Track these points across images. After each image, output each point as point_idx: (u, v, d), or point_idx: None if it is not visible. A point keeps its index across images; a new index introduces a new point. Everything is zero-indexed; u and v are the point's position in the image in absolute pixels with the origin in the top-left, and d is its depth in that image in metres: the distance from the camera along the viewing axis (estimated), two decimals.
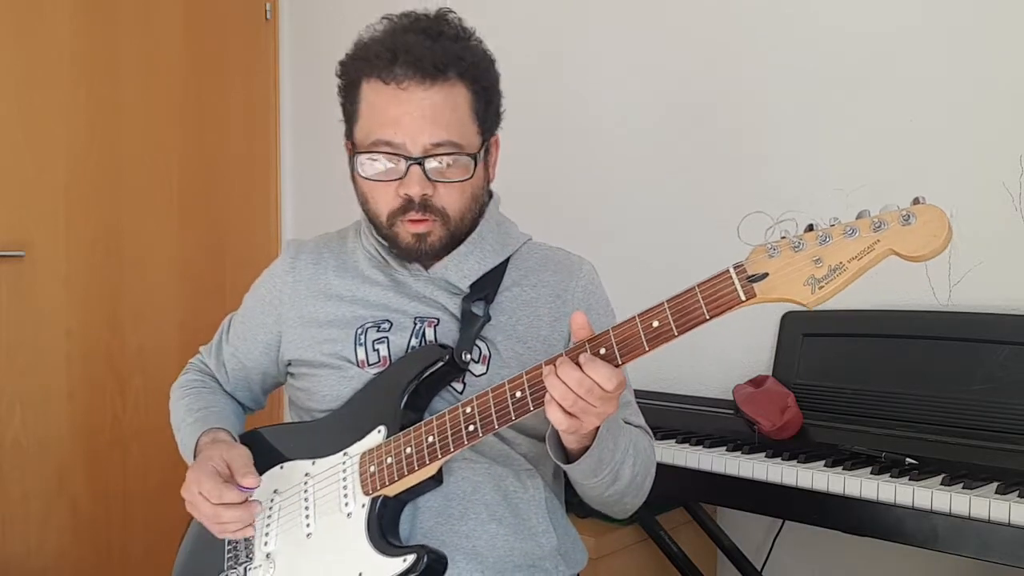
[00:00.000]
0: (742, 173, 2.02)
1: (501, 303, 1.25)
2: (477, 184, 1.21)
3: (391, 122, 1.15)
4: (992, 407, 1.53)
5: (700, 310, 0.98)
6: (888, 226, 0.90)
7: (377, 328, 1.24)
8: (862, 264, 0.91)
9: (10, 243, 2.46)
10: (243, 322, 1.38)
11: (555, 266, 1.30)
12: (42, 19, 2.52)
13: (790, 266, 0.94)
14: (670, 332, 1.00)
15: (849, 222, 0.93)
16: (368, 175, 1.19)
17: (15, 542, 2.45)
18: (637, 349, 1.01)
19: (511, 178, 1.43)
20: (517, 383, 1.06)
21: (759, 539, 2.01)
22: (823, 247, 0.93)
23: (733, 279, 0.97)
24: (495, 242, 1.27)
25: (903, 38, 1.78)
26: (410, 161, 1.15)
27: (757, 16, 2.00)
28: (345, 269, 1.30)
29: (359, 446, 1.18)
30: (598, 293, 1.31)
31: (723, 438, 1.69)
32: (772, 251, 0.95)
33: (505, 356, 1.22)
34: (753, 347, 1.95)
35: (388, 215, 1.19)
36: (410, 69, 1.14)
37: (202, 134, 2.87)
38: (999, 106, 1.66)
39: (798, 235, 0.95)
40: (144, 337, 2.69)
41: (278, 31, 3.07)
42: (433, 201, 1.17)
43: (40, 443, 2.49)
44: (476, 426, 1.08)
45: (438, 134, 1.15)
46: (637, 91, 2.20)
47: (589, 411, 1.01)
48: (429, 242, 1.19)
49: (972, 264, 1.68)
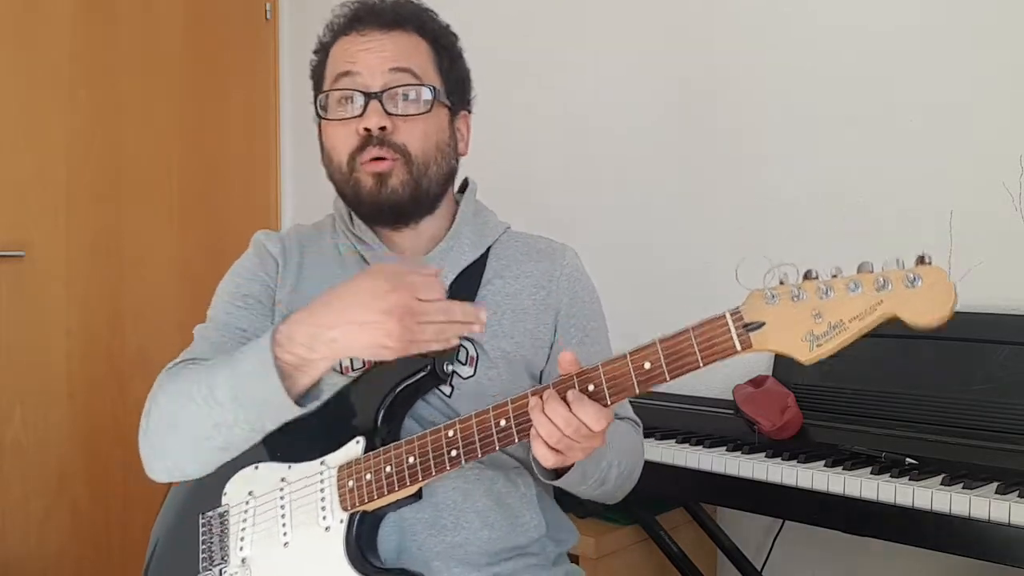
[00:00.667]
0: (740, 173, 2.01)
1: (484, 298, 1.22)
2: (441, 134, 1.21)
3: (350, 57, 1.19)
4: (992, 407, 1.53)
5: (694, 356, 0.95)
6: (892, 287, 0.87)
7: None
8: (863, 325, 0.87)
9: (10, 243, 2.46)
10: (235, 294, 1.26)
11: (537, 255, 1.28)
12: (42, 19, 2.52)
13: (788, 317, 0.91)
14: (662, 375, 0.97)
15: (852, 276, 0.89)
16: (329, 116, 1.20)
17: (15, 542, 2.44)
18: (627, 390, 0.98)
19: (504, 174, 1.43)
20: (502, 411, 1.03)
21: (759, 539, 2.01)
22: (824, 301, 0.89)
23: (729, 326, 0.94)
24: (473, 234, 1.26)
25: (903, 38, 1.78)
26: (370, 97, 1.16)
27: (756, 16, 2.00)
28: (326, 265, 1.27)
29: (337, 456, 1.14)
30: (583, 280, 1.29)
31: (723, 438, 1.69)
32: (770, 298, 0.92)
33: (492, 356, 1.20)
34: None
35: (348, 157, 1.18)
36: (370, 20, 1.19)
37: (202, 134, 2.87)
38: (999, 106, 1.66)
39: (798, 284, 0.91)
40: (144, 337, 2.69)
41: (278, 31, 3.07)
42: (393, 137, 1.17)
43: (40, 443, 2.49)
44: (459, 452, 1.05)
45: (396, 61, 1.17)
46: (634, 89, 2.20)
47: (575, 447, 0.99)
48: (391, 185, 1.17)
49: (972, 264, 1.68)
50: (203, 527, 1.21)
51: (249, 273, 1.28)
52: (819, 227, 1.89)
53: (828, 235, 1.87)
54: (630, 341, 1.19)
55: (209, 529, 1.20)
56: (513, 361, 1.21)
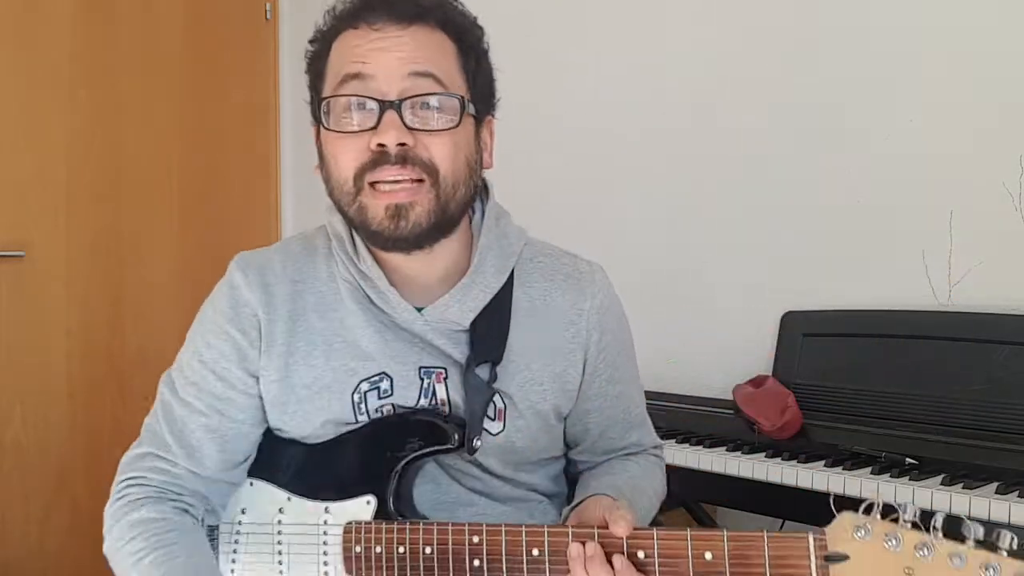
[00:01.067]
0: (741, 173, 2.01)
1: (515, 341, 1.08)
2: (469, 148, 1.02)
3: (361, 56, 0.97)
4: (992, 407, 1.53)
5: (762, 568, 0.85)
6: (1001, 575, 0.76)
7: (376, 390, 1.05)
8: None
9: (10, 243, 2.46)
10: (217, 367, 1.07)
11: (564, 280, 1.13)
12: (42, 19, 2.52)
13: (876, 562, 0.81)
14: (722, 572, 0.86)
15: (958, 547, 0.78)
16: (334, 126, 0.98)
17: (15, 542, 2.44)
18: (679, 574, 0.88)
19: (510, 177, 1.43)
20: (536, 538, 0.93)
21: None
22: (920, 559, 0.79)
23: (810, 550, 0.84)
24: (497, 257, 1.09)
25: (903, 38, 1.78)
26: (385, 106, 0.95)
27: (756, 17, 2.00)
28: (326, 304, 1.08)
29: (343, 508, 1.04)
30: (613, 308, 1.16)
31: (723, 438, 1.69)
32: (862, 533, 0.83)
33: (521, 407, 1.08)
34: (753, 347, 1.95)
35: (355, 175, 0.98)
36: (383, 12, 0.98)
37: (202, 134, 2.87)
38: (999, 106, 1.66)
39: (898, 528, 0.81)
40: (144, 337, 2.70)
41: (278, 31, 3.07)
42: (417, 152, 0.96)
43: (40, 443, 2.49)
44: (482, 563, 0.95)
45: (418, 64, 0.97)
46: (637, 91, 2.20)
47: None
48: (412, 218, 0.97)
49: (972, 264, 1.68)
50: None
51: (222, 334, 1.07)
52: (819, 227, 1.88)
53: (829, 235, 1.87)
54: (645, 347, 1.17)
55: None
56: (542, 411, 1.10)
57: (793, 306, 1.88)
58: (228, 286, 1.09)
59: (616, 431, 1.19)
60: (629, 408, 1.20)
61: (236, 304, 1.07)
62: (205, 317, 1.10)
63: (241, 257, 1.11)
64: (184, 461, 1.06)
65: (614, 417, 1.18)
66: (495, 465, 1.10)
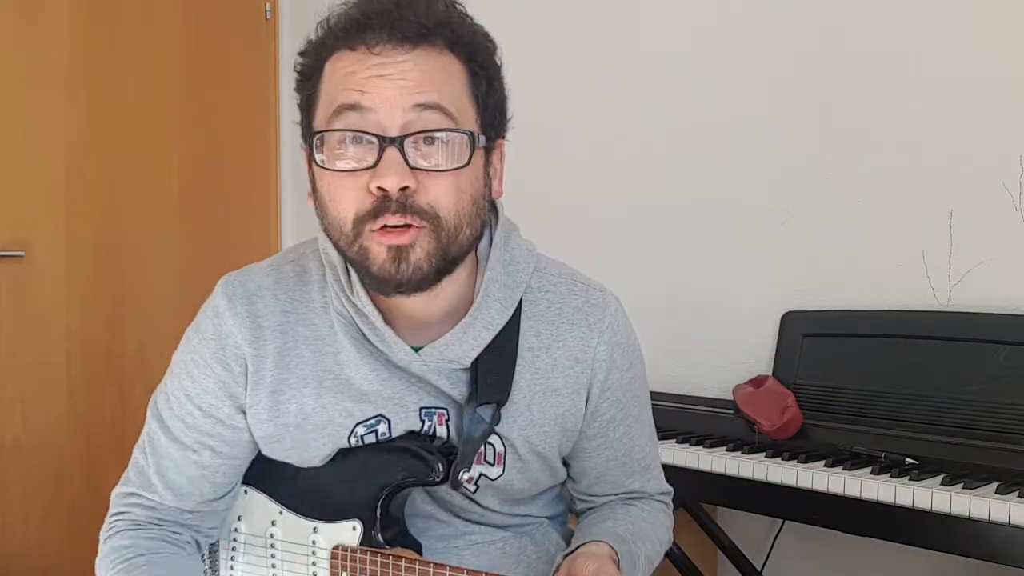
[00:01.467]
0: (741, 173, 2.01)
1: (519, 380, 1.02)
2: (476, 185, 0.93)
3: (357, 84, 0.87)
4: (992, 407, 1.53)
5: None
6: None
7: (374, 433, 1.00)
8: None
9: (10, 243, 2.46)
10: (203, 403, 1.02)
11: (573, 314, 1.04)
12: (42, 19, 2.52)
13: None
14: None
15: None
16: (328, 164, 0.89)
17: (15, 542, 2.44)
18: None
19: (511, 178, 1.42)
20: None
21: (759, 539, 2.01)
22: None
23: None
24: (503, 289, 1.00)
25: (903, 38, 1.78)
26: (385, 142, 0.86)
27: (756, 18, 2.00)
28: (318, 337, 1.00)
29: (330, 531, 1.04)
30: (623, 343, 1.07)
31: (723, 438, 1.69)
32: None
33: (521, 451, 1.03)
34: (753, 347, 1.95)
35: (354, 220, 0.89)
36: (384, 32, 0.87)
37: (202, 134, 2.87)
38: (999, 106, 1.66)
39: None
40: (144, 337, 2.69)
41: (278, 31, 3.07)
42: (417, 199, 0.87)
43: (40, 443, 2.49)
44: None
45: (423, 95, 0.87)
46: (637, 90, 2.20)
47: None
48: (413, 261, 0.89)
49: (972, 264, 1.68)
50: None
51: (206, 369, 1.02)
52: (819, 227, 1.89)
53: (829, 235, 1.87)
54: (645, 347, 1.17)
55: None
56: (543, 454, 1.05)
57: (793, 306, 1.88)
58: (213, 314, 1.01)
59: (616, 475, 1.12)
60: (632, 452, 1.12)
61: (219, 336, 1.01)
62: (190, 345, 1.05)
63: (228, 281, 1.03)
64: (170, 499, 1.04)
65: (614, 460, 1.11)
66: (493, 503, 1.07)
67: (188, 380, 1.03)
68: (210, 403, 1.02)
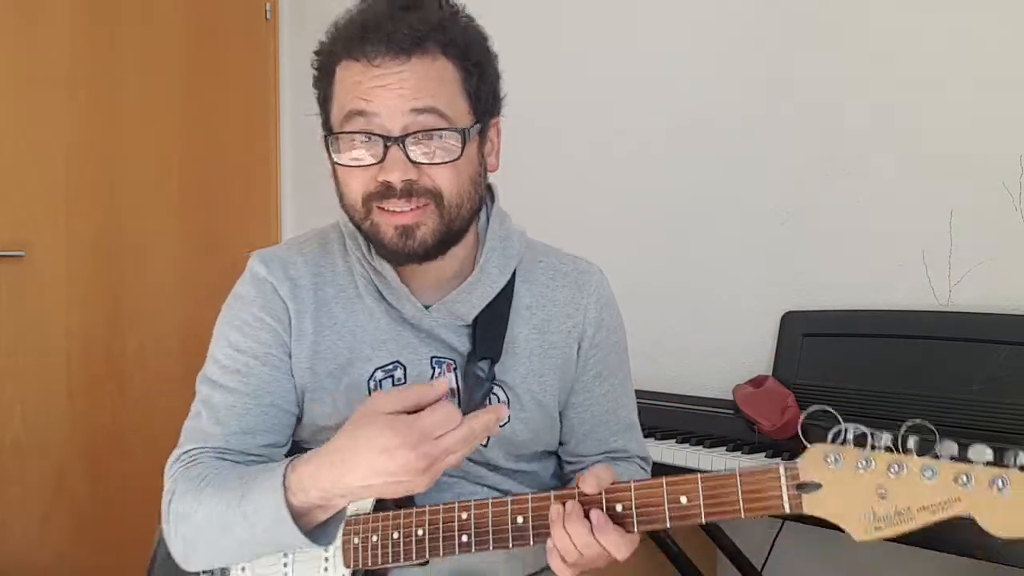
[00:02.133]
0: (741, 173, 2.01)
1: (515, 333, 1.14)
2: (472, 167, 1.07)
3: (363, 93, 1.01)
4: (992, 407, 1.53)
5: (736, 505, 0.87)
6: (974, 485, 0.78)
7: (391, 379, 1.10)
8: (932, 519, 0.79)
9: (10, 243, 2.46)
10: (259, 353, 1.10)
11: (564, 279, 1.19)
12: (42, 19, 2.52)
13: (850, 486, 0.82)
14: (697, 515, 0.89)
15: (930, 461, 0.80)
16: (343, 161, 1.04)
17: (15, 542, 2.45)
18: (657, 523, 0.91)
19: (511, 178, 1.42)
20: (520, 506, 0.97)
21: (759, 539, 2.01)
22: (892, 478, 0.81)
23: (781, 482, 0.86)
24: (500, 258, 1.14)
25: (903, 38, 1.78)
26: (389, 142, 1.00)
27: (755, 16, 2.00)
28: (346, 296, 1.13)
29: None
30: (610, 307, 1.21)
31: (723, 438, 1.69)
32: (833, 460, 0.84)
33: (524, 400, 1.13)
34: (753, 347, 1.95)
35: (364, 199, 1.03)
36: (382, 45, 1.00)
37: (202, 134, 2.87)
38: (999, 106, 1.66)
39: (868, 452, 0.82)
40: (144, 337, 2.70)
41: (278, 31, 3.07)
42: (420, 183, 1.02)
43: (40, 443, 2.50)
44: (470, 538, 0.99)
45: (420, 99, 1.00)
46: (638, 89, 2.20)
47: (590, 566, 0.95)
48: (419, 237, 1.03)
49: (972, 264, 1.68)
50: None
51: (256, 322, 1.11)
52: (819, 227, 1.89)
53: (828, 235, 1.87)
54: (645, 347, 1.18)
55: None
56: (542, 403, 1.15)
57: (793, 306, 1.88)
58: (253, 278, 1.13)
59: (603, 432, 1.21)
60: (617, 410, 1.22)
61: (264, 292, 1.12)
62: (232, 312, 1.13)
63: (259, 253, 1.16)
64: (233, 443, 1.08)
65: (600, 416, 1.20)
66: (499, 457, 1.14)
67: (239, 336, 1.11)
68: (264, 351, 1.10)
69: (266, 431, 1.09)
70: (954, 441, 0.80)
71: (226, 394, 1.09)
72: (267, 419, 1.09)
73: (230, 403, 1.09)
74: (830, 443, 0.85)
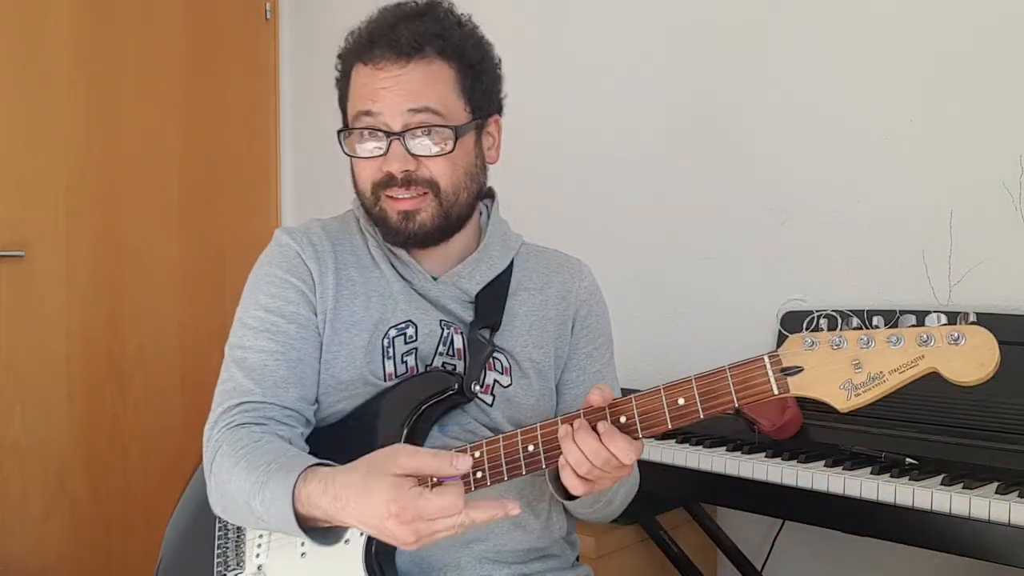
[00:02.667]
0: (741, 173, 2.01)
1: (513, 307, 1.25)
2: (467, 160, 1.19)
3: (370, 95, 1.15)
4: (992, 407, 1.53)
5: (729, 395, 0.96)
6: (935, 343, 0.88)
7: (403, 336, 1.20)
8: (903, 378, 0.88)
9: (10, 243, 2.46)
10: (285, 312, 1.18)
11: (558, 267, 1.31)
12: (42, 19, 2.52)
13: (827, 364, 0.91)
14: (695, 412, 0.98)
15: (894, 330, 0.89)
16: (353, 153, 1.19)
17: (15, 542, 2.45)
18: (660, 425, 0.99)
19: (511, 177, 1.43)
20: (530, 436, 1.03)
21: (759, 539, 2.01)
22: (864, 350, 0.90)
23: (767, 369, 0.94)
24: (500, 247, 1.28)
25: (903, 38, 1.78)
26: (391, 136, 1.14)
27: (755, 14, 2.00)
28: (362, 263, 1.24)
29: None
30: (598, 295, 1.33)
31: (723, 438, 1.69)
32: (810, 344, 0.92)
33: (524, 367, 1.23)
34: (753, 347, 1.95)
35: (372, 187, 1.18)
36: (386, 49, 1.14)
37: (202, 134, 2.87)
38: (999, 106, 1.66)
39: (839, 332, 0.91)
40: (144, 337, 2.69)
41: (278, 31, 3.07)
42: (419, 174, 1.15)
43: (40, 443, 2.49)
44: (484, 474, 1.04)
45: (416, 101, 1.14)
46: (637, 89, 2.20)
47: (604, 478, 1.01)
48: (419, 221, 1.17)
49: (972, 264, 1.68)
50: (219, 531, 1.20)
51: (282, 283, 1.20)
52: (819, 227, 1.89)
53: (829, 235, 1.87)
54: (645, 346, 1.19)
55: (225, 534, 1.20)
56: (542, 372, 1.25)
57: (793, 306, 1.88)
58: (277, 246, 1.24)
59: None
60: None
61: (289, 258, 1.22)
62: (258, 278, 1.22)
63: (282, 228, 1.27)
64: (269, 397, 1.14)
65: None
66: (501, 419, 1.20)
67: (267, 298, 1.19)
68: (292, 310, 1.18)
69: (296, 384, 1.16)
70: (911, 314, 0.90)
71: (258, 353, 1.16)
72: (296, 373, 1.16)
73: (263, 361, 1.16)
74: (805, 330, 0.93)
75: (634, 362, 1.30)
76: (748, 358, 0.95)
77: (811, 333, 0.92)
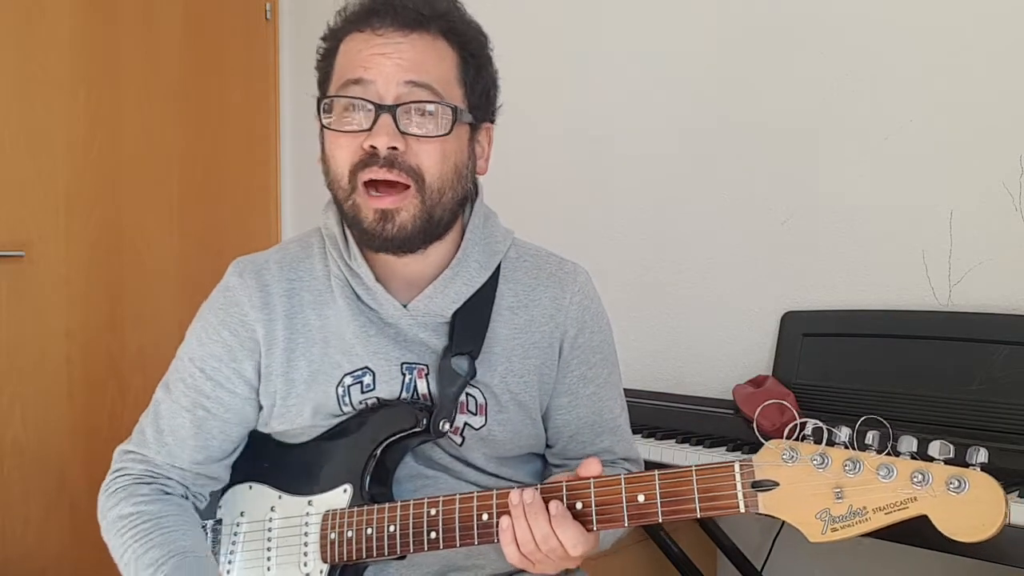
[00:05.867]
0: (741, 173, 2.01)
1: (495, 331, 1.12)
2: (459, 155, 1.06)
3: (363, 61, 1.03)
4: (992, 407, 1.53)
5: (692, 504, 0.86)
6: (931, 484, 0.75)
7: (359, 384, 1.10)
8: (887, 520, 0.76)
9: (10, 243, 2.46)
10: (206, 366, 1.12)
11: (547, 279, 1.17)
12: (42, 19, 2.52)
13: (806, 484, 0.80)
14: (654, 514, 0.89)
15: (887, 459, 0.77)
16: (333, 125, 1.04)
17: (15, 542, 2.44)
18: (615, 520, 0.90)
19: (510, 177, 1.42)
20: (485, 503, 0.97)
21: (759, 539, 2.01)
22: (849, 477, 0.78)
23: (736, 480, 0.84)
24: (482, 254, 1.13)
25: (903, 38, 1.78)
26: (381, 109, 1.00)
27: (754, 14, 2.00)
28: (321, 301, 1.12)
29: (323, 500, 1.10)
30: (593, 307, 1.19)
31: (723, 438, 1.69)
32: (790, 456, 0.81)
33: (503, 400, 1.12)
34: (753, 347, 1.95)
35: (349, 172, 1.03)
36: (388, 18, 1.03)
37: (202, 134, 2.87)
38: (999, 106, 1.66)
39: (824, 449, 0.80)
40: (144, 337, 2.69)
41: (278, 31, 3.07)
42: (405, 158, 1.01)
43: (40, 443, 2.49)
44: (438, 535, 1.00)
45: (417, 73, 1.02)
46: (637, 88, 2.20)
47: (545, 562, 0.94)
48: (399, 222, 1.02)
49: (972, 264, 1.68)
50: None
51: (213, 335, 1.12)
52: (819, 227, 1.89)
53: (829, 235, 1.87)
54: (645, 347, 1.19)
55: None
56: (523, 403, 1.14)
57: (793, 306, 1.88)
58: (224, 289, 1.15)
59: (587, 435, 1.18)
60: (602, 412, 1.19)
61: (228, 305, 1.12)
62: (201, 317, 1.16)
63: (238, 261, 1.17)
64: (163, 456, 1.12)
65: (585, 419, 1.18)
66: (479, 459, 1.13)
67: (195, 344, 1.14)
68: (213, 366, 1.12)
69: (197, 446, 1.12)
70: (914, 436, 0.78)
71: (170, 403, 1.13)
72: (201, 432, 1.12)
73: (172, 413, 1.13)
74: (786, 439, 0.82)
75: (633, 363, 1.29)
76: (719, 463, 0.86)
77: (792, 443, 0.81)
